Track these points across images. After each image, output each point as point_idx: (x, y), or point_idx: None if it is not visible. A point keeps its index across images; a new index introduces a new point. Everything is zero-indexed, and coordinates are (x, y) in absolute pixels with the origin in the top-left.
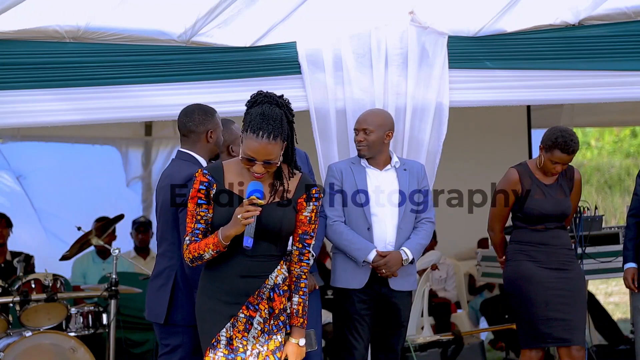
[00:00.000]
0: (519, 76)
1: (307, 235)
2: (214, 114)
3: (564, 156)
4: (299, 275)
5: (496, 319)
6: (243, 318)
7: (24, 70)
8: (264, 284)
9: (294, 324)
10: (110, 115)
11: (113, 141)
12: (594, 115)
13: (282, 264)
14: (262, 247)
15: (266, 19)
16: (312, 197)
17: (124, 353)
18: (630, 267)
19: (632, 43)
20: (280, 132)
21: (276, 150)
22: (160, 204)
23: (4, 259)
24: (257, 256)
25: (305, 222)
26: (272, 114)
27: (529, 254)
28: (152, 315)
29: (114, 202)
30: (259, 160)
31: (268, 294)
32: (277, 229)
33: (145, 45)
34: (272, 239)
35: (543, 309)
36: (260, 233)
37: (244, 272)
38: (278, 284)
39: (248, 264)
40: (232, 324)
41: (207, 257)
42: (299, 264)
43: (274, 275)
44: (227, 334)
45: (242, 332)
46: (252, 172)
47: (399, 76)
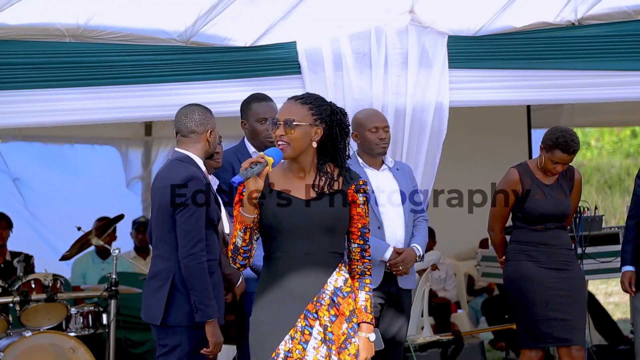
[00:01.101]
0: (519, 76)
1: (366, 229)
2: (211, 113)
3: (565, 156)
4: (363, 271)
5: (496, 319)
6: (301, 329)
7: (24, 70)
8: (322, 288)
9: (363, 320)
10: (110, 115)
11: (113, 141)
12: (594, 115)
13: (340, 266)
14: (317, 245)
15: (266, 18)
16: (361, 187)
17: (124, 353)
18: (628, 270)
19: (632, 43)
20: (313, 104)
21: (301, 114)
22: (157, 205)
23: (4, 259)
24: (313, 254)
25: (362, 215)
26: (318, 95)
27: (529, 254)
28: (150, 317)
29: (114, 202)
30: (281, 119)
31: (329, 300)
32: (331, 223)
33: (145, 45)
34: (327, 235)
35: (543, 309)
36: (314, 229)
37: (302, 274)
38: (339, 287)
39: (306, 265)
40: (290, 337)
41: (240, 244)
42: (361, 260)
43: (332, 279)
44: (286, 347)
45: (300, 344)
46: (274, 138)
47: (398, 76)
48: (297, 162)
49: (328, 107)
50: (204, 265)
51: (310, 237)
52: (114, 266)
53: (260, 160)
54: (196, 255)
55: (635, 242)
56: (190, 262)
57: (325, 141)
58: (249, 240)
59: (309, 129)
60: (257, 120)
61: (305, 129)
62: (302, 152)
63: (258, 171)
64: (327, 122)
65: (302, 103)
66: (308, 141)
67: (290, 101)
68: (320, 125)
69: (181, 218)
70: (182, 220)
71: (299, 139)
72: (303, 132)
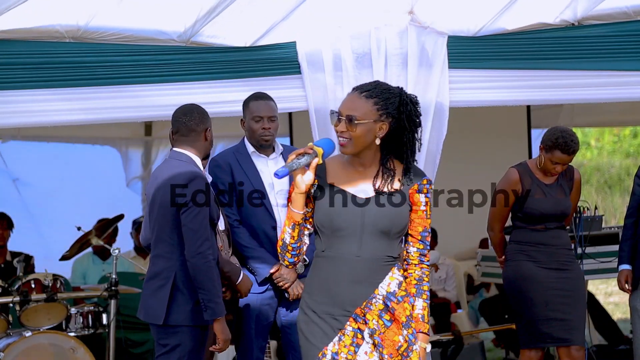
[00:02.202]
0: (519, 76)
1: (426, 233)
2: (207, 112)
3: (564, 157)
4: (421, 277)
5: (496, 319)
6: (351, 331)
7: (24, 70)
8: (373, 293)
9: (420, 330)
10: (110, 115)
11: (113, 141)
12: (594, 115)
13: (393, 269)
14: (370, 247)
15: (266, 18)
16: (424, 187)
17: (124, 353)
18: (625, 269)
19: (632, 43)
20: (379, 97)
21: (365, 110)
22: (157, 204)
23: (4, 259)
24: (364, 257)
25: (423, 217)
26: (385, 84)
27: (528, 254)
28: (150, 316)
29: (114, 202)
30: (342, 113)
31: (382, 305)
32: (386, 225)
33: (145, 45)
34: (381, 237)
35: (543, 309)
36: (367, 231)
37: (351, 277)
38: (393, 292)
39: (356, 267)
40: (339, 338)
41: (288, 240)
42: (419, 265)
43: (385, 284)
44: (334, 348)
45: (349, 346)
46: (337, 134)
47: (398, 76)
48: (358, 157)
49: (396, 99)
50: (211, 264)
51: (363, 239)
52: (114, 266)
53: (309, 152)
54: (204, 254)
55: (633, 241)
56: (198, 260)
57: (392, 134)
58: (298, 237)
59: (373, 126)
60: (252, 118)
61: (369, 126)
62: (364, 148)
63: (305, 163)
64: (394, 116)
65: (367, 97)
66: (371, 138)
67: (355, 93)
68: (386, 121)
69: (187, 217)
70: (188, 219)
71: (360, 137)
72: (366, 130)
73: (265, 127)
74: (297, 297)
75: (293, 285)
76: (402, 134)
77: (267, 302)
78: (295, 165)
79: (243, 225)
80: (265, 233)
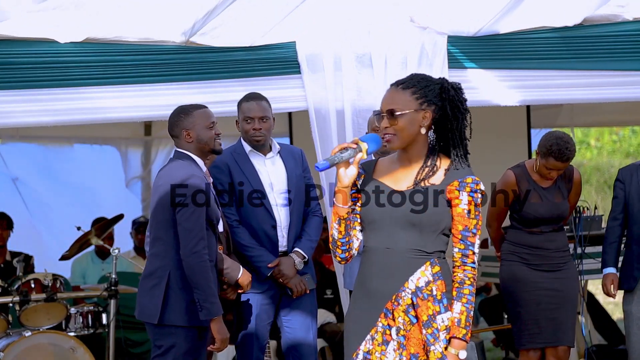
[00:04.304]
0: (519, 76)
1: (468, 232)
2: (191, 111)
3: (559, 164)
4: (462, 280)
5: (496, 319)
6: (382, 328)
7: (23, 70)
8: (402, 287)
9: (454, 335)
10: (109, 115)
11: (112, 141)
12: (594, 115)
13: (427, 265)
14: (398, 239)
15: (265, 19)
16: (466, 185)
17: (124, 353)
18: (610, 273)
19: (632, 43)
20: (416, 86)
21: (403, 101)
22: (155, 203)
23: (4, 259)
24: (393, 250)
25: (463, 216)
26: (423, 74)
27: (521, 256)
28: (145, 315)
29: (114, 202)
30: (383, 110)
31: (410, 299)
32: (415, 218)
33: (144, 45)
34: (410, 230)
35: (533, 310)
36: (396, 223)
37: (382, 269)
38: (420, 287)
39: (386, 259)
40: (371, 337)
41: (337, 236)
42: (462, 267)
43: (415, 278)
44: (365, 347)
45: (381, 344)
46: (380, 131)
47: (398, 76)
48: (406, 152)
49: (436, 86)
50: (206, 263)
51: (393, 230)
52: (114, 266)
53: (352, 146)
54: (199, 254)
55: (618, 244)
56: (193, 259)
57: (439, 125)
58: (345, 232)
59: (415, 115)
60: (243, 119)
61: (410, 116)
62: (411, 141)
63: (348, 157)
64: (437, 103)
65: (403, 88)
66: (416, 129)
67: (392, 88)
68: (428, 108)
69: (182, 217)
70: (183, 218)
71: (404, 129)
72: (408, 120)
73: (255, 128)
74: (300, 293)
75: (295, 282)
76: (447, 123)
77: (267, 302)
78: (337, 159)
79: (243, 225)
80: (265, 232)
